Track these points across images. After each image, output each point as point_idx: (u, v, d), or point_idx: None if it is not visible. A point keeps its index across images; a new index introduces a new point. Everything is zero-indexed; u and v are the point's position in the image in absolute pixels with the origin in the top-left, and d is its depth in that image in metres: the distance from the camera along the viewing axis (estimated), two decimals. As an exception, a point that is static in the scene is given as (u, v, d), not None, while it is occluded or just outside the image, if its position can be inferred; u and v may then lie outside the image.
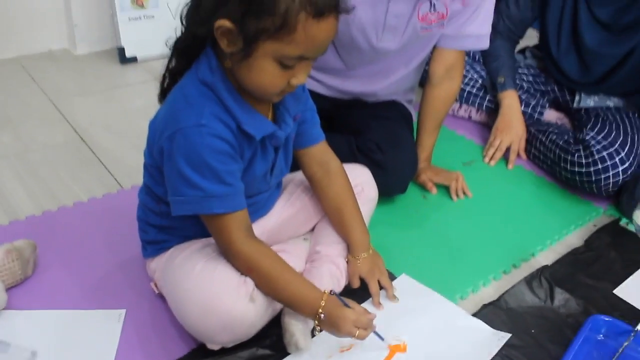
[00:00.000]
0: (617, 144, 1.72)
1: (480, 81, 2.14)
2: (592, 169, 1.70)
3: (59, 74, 2.39)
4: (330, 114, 1.65)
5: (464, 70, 2.13)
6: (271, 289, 1.13)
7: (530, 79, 2.13)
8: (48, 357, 1.17)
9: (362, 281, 1.35)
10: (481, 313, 1.34)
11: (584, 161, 1.72)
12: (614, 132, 1.76)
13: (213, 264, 1.14)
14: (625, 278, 1.49)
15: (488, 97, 2.12)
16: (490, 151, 1.96)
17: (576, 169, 1.74)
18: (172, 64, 1.13)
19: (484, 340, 1.25)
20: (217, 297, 1.10)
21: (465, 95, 2.14)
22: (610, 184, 1.71)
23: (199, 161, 1.04)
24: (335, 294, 1.17)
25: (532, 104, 2.04)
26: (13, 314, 1.25)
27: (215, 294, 1.11)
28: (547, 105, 2.06)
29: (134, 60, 2.53)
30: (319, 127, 1.33)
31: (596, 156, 1.70)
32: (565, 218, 1.71)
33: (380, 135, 1.63)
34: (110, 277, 1.37)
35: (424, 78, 1.81)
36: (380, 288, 1.34)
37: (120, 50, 2.50)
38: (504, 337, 1.25)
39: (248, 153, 1.13)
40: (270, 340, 1.21)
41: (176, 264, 1.19)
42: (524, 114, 2.02)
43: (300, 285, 1.15)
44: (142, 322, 1.26)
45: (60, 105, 2.15)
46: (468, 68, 2.15)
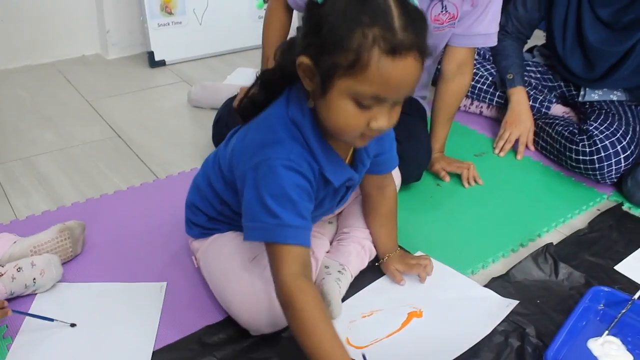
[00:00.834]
0: (619, 134, 1.83)
1: (490, 78, 2.25)
2: (596, 157, 1.81)
3: (93, 77, 2.55)
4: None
5: (474, 68, 2.26)
6: (302, 332, 1.04)
7: (538, 75, 2.24)
8: (98, 325, 1.29)
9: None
10: (490, 286, 1.44)
11: (587, 149, 1.83)
12: (616, 123, 1.87)
13: (264, 262, 1.19)
14: (626, 257, 1.58)
15: (498, 94, 2.23)
16: (500, 143, 2.07)
17: (580, 157, 1.85)
18: (254, 91, 1.16)
19: (493, 307, 1.35)
20: (264, 293, 1.18)
21: (476, 92, 2.26)
22: (613, 171, 1.81)
23: (281, 192, 1.05)
24: None
25: (540, 99, 2.15)
26: (66, 286, 1.38)
27: (261, 289, 1.19)
28: (554, 100, 2.17)
29: (162, 63, 2.68)
30: (394, 154, 1.34)
31: (599, 145, 1.81)
32: (571, 203, 1.81)
33: (397, 128, 1.74)
34: (151, 254, 1.49)
35: (436, 76, 1.93)
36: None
37: (150, 55, 2.65)
38: (512, 304, 1.35)
39: (322, 194, 1.18)
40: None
41: (225, 253, 1.27)
42: (532, 108, 2.13)
43: (333, 342, 1.03)
44: (182, 293, 1.38)
45: (96, 106, 2.30)
46: (479, 66, 2.27)
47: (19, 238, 1.42)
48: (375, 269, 1.46)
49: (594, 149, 1.82)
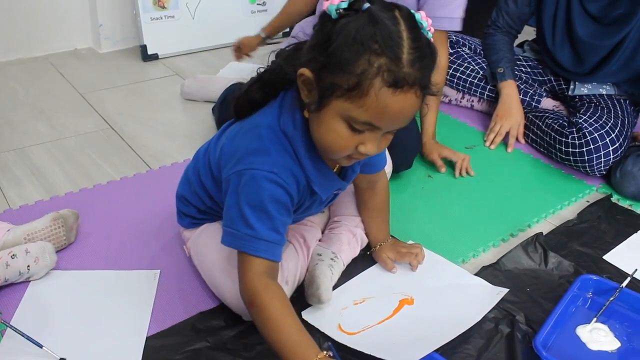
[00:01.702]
0: (608, 127, 1.85)
1: (481, 72, 2.27)
2: (585, 149, 1.84)
3: (85, 70, 2.55)
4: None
5: (465, 62, 2.28)
6: (266, 328, 1.05)
7: (529, 70, 2.26)
8: (92, 312, 1.29)
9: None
10: (481, 274, 1.46)
11: (577, 142, 1.85)
12: (605, 116, 1.90)
13: None
14: (614, 247, 1.61)
15: (489, 88, 2.25)
16: (491, 136, 2.09)
17: (570, 149, 1.87)
18: (252, 88, 1.15)
19: (484, 294, 1.37)
20: None
21: (467, 85, 2.28)
22: (602, 163, 1.84)
23: (259, 204, 1.06)
24: (333, 353, 1.08)
25: (530, 93, 2.17)
26: (60, 273, 1.39)
27: None
28: (545, 94, 2.19)
29: (155, 57, 2.69)
30: (384, 154, 1.35)
31: (588, 137, 1.84)
32: (560, 195, 1.84)
33: None
34: (145, 243, 1.50)
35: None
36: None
37: (143, 48, 2.66)
38: (502, 292, 1.37)
39: (308, 202, 1.19)
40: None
41: (214, 243, 1.25)
42: (523, 102, 2.15)
43: (300, 336, 1.04)
44: (175, 281, 1.39)
45: (89, 98, 2.30)
46: (470, 60, 2.29)
47: (12, 226, 1.43)
48: (367, 257, 1.47)
49: (583, 141, 1.85)
